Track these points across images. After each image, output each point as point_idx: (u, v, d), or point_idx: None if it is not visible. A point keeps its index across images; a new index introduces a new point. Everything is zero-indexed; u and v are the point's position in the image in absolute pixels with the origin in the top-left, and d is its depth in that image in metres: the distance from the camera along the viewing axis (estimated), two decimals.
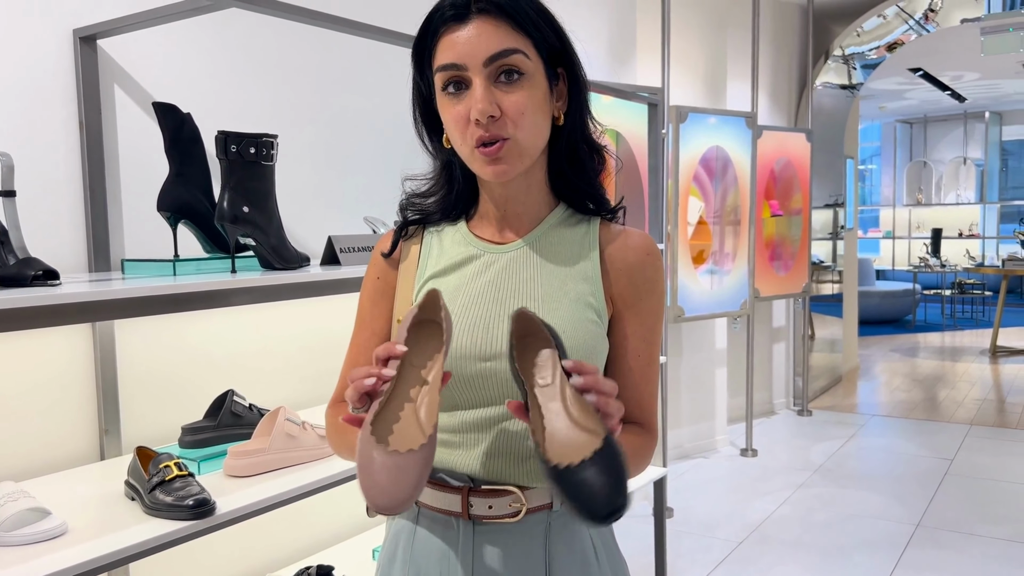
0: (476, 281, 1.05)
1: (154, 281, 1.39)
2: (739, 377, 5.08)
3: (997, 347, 7.86)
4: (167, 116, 1.62)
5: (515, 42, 0.97)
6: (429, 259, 1.10)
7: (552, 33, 1.01)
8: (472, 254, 1.08)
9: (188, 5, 1.53)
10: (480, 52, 0.96)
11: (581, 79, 1.05)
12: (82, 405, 1.71)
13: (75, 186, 1.70)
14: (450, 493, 1.03)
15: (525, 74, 0.97)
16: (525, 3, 0.99)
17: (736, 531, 3.59)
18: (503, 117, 0.96)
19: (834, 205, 6.33)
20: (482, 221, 1.10)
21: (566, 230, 1.08)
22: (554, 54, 1.02)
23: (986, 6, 5.69)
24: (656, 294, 1.08)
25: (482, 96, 0.95)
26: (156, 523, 1.35)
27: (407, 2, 2.45)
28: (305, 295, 1.59)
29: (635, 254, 1.08)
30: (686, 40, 4.47)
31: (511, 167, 0.99)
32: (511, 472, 1.02)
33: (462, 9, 0.97)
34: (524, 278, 1.05)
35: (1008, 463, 4.48)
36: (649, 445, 1.10)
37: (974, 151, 12.16)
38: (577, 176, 1.08)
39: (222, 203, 1.52)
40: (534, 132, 0.99)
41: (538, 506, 1.03)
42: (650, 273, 1.08)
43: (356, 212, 2.26)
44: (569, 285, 1.05)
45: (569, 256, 1.07)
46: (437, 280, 1.07)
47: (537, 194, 1.08)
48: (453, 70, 0.97)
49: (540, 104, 1.00)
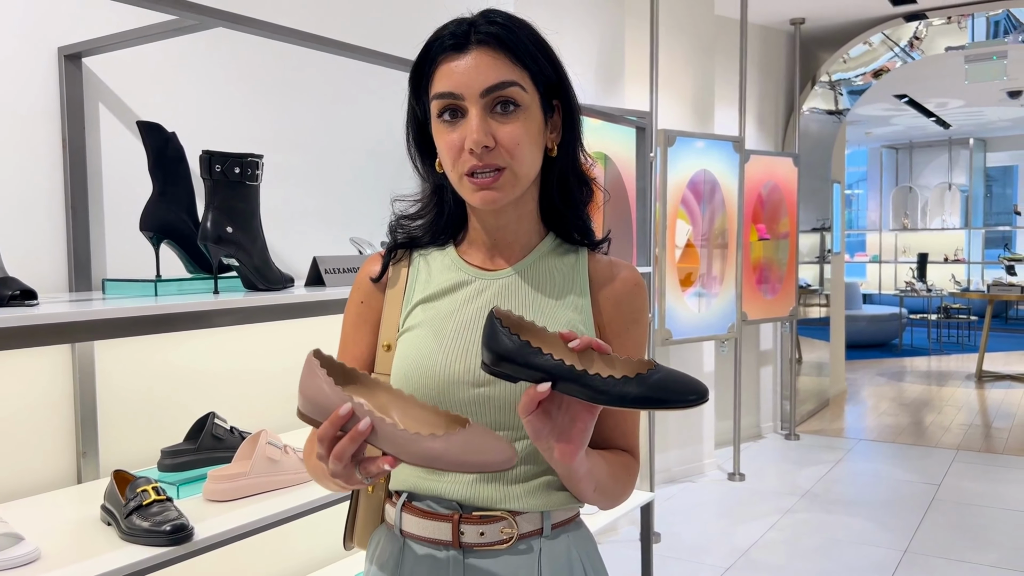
0: (468, 306, 1.05)
1: (135, 302, 1.37)
2: (727, 401, 5.07)
3: (983, 372, 7.89)
4: (151, 135, 1.61)
5: (512, 74, 0.98)
6: (417, 283, 1.09)
7: (549, 66, 1.02)
8: (463, 279, 1.07)
9: (174, 24, 1.52)
10: (477, 83, 0.97)
11: (575, 113, 1.06)
12: (60, 427, 1.68)
13: (57, 204, 1.68)
14: (439, 521, 1.02)
15: (521, 106, 0.99)
16: (524, 36, 1.00)
17: (724, 556, 3.56)
18: (497, 148, 0.97)
19: (821, 229, 6.37)
20: (471, 247, 1.10)
21: (555, 259, 1.09)
22: (550, 87, 1.03)
23: (970, 34, 5.77)
24: (641, 324, 1.10)
25: (477, 127, 0.96)
26: (132, 549, 1.32)
27: (394, 23, 2.46)
28: (289, 317, 1.57)
29: (623, 285, 1.09)
30: (674, 65, 4.50)
31: (502, 195, 0.99)
32: (502, 497, 1.01)
33: (462, 39, 0.98)
34: (516, 305, 1.05)
35: (995, 489, 4.48)
36: (634, 470, 1.10)
37: (959, 177, 12.28)
38: (567, 207, 1.09)
39: (205, 223, 1.51)
40: (528, 163, 1.00)
41: (529, 531, 1.02)
42: (637, 303, 1.09)
43: (342, 233, 2.24)
44: (560, 313, 1.05)
45: (559, 285, 1.07)
46: (427, 305, 1.07)
47: (528, 223, 1.08)
48: (450, 99, 0.98)
49: (535, 136, 1.01)
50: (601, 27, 3.79)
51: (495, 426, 1.01)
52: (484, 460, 0.84)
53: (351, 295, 1.14)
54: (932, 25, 5.72)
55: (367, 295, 1.12)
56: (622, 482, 1.06)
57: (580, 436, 0.90)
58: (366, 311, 1.12)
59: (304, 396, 0.90)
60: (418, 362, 1.02)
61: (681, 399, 0.84)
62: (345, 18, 2.34)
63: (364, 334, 1.12)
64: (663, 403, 0.84)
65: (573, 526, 1.08)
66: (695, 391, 0.84)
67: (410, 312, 1.07)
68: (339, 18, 2.32)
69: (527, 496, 1.02)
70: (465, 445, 0.84)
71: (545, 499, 1.03)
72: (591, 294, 1.08)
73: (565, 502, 1.05)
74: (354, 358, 1.11)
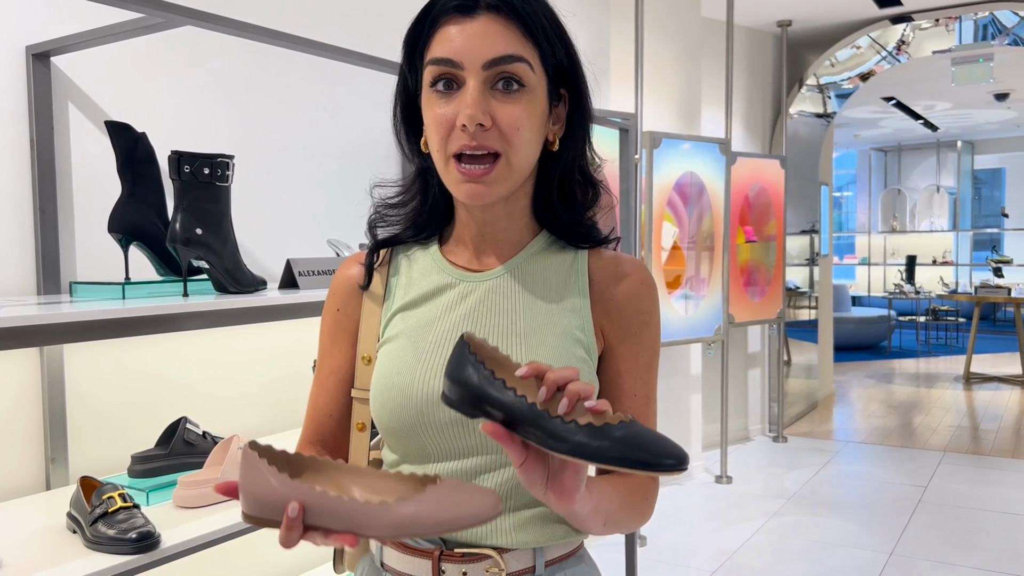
0: (450, 314, 0.94)
1: (103, 304, 1.34)
2: (714, 403, 5.06)
3: (971, 374, 7.91)
4: (120, 135, 1.58)
5: (521, 49, 0.87)
6: (397, 289, 0.99)
7: (562, 49, 0.92)
8: (446, 283, 0.96)
9: (142, 23, 1.49)
10: (481, 52, 0.85)
11: (586, 106, 0.95)
12: (28, 433, 1.65)
13: (25, 206, 1.65)
14: (419, 557, 0.92)
15: (526, 86, 0.88)
16: (540, 9, 0.90)
17: (710, 559, 3.54)
18: (493, 128, 0.86)
19: (810, 231, 6.37)
20: (457, 245, 0.99)
21: (551, 256, 0.98)
22: (560, 72, 0.93)
23: (957, 37, 5.77)
24: (651, 327, 0.97)
25: (474, 100, 0.85)
26: (97, 557, 1.30)
27: (369, 21, 2.43)
28: (261, 320, 1.55)
29: (628, 283, 0.96)
30: (660, 66, 4.49)
31: (491, 191, 0.88)
32: (487, 532, 0.90)
33: (470, 1, 0.87)
34: (504, 310, 0.93)
35: (982, 491, 4.48)
36: (651, 492, 0.95)
37: (947, 179, 12.33)
38: (564, 208, 0.97)
39: (174, 225, 1.48)
40: (526, 152, 0.89)
41: (519, 570, 0.91)
42: (645, 304, 0.96)
43: (318, 235, 2.22)
44: (555, 318, 0.93)
45: (555, 285, 0.96)
46: (406, 313, 0.96)
47: (519, 219, 0.97)
48: (447, 66, 0.86)
49: (536, 123, 0.90)
50: (585, 27, 3.77)
51: (472, 450, 0.90)
52: (463, 514, 0.74)
53: (327, 301, 1.04)
54: (919, 28, 5.72)
55: (343, 301, 1.01)
56: (638, 510, 0.93)
57: (573, 481, 0.76)
58: (343, 319, 1.01)
59: (248, 497, 0.75)
60: (393, 379, 0.92)
61: (656, 461, 0.70)
62: (318, 16, 2.31)
63: (342, 345, 1.01)
64: (634, 463, 0.70)
65: (572, 561, 0.96)
66: (673, 455, 0.70)
67: (389, 321, 0.97)
68: (312, 16, 2.29)
69: (516, 530, 0.91)
70: (439, 502, 0.74)
71: (538, 533, 0.91)
72: (591, 294, 0.96)
73: (562, 536, 0.93)
74: (331, 371, 1.02)
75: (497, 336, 0.92)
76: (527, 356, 0.90)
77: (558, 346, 0.91)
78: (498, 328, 0.93)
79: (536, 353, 0.90)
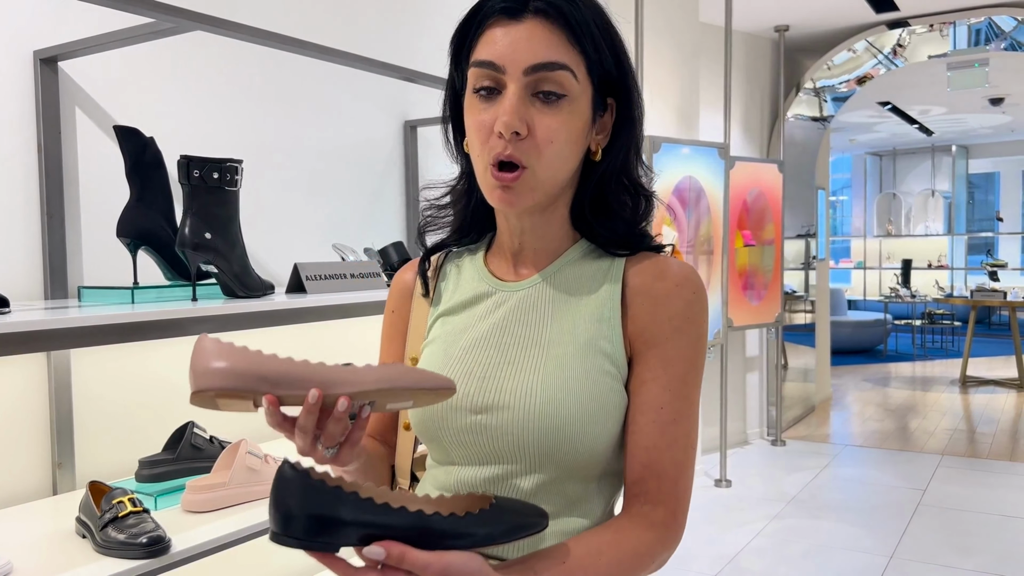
0: (482, 323, 0.95)
1: (111, 309, 1.34)
2: (713, 407, 5.07)
3: (967, 377, 7.93)
4: (129, 140, 1.58)
5: (566, 56, 0.85)
6: (444, 293, 1.01)
7: (611, 58, 0.89)
8: (484, 291, 0.97)
9: (151, 28, 1.50)
10: (524, 57, 0.84)
11: (635, 117, 0.93)
12: (35, 438, 1.65)
13: (32, 211, 1.65)
14: None
15: (567, 96, 0.86)
16: (591, 16, 0.87)
17: (710, 563, 3.55)
18: (530, 138, 0.85)
19: (806, 235, 6.39)
20: (497, 254, 1.00)
21: (587, 265, 0.95)
22: (607, 81, 0.90)
23: (952, 42, 5.80)
24: (687, 335, 0.90)
25: (512, 107, 0.84)
26: (107, 562, 1.30)
27: (377, 27, 2.44)
28: (269, 324, 1.55)
29: (664, 284, 0.91)
30: (659, 71, 4.50)
31: (519, 199, 0.87)
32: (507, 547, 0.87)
33: (518, 3, 0.85)
34: (532, 320, 0.92)
35: (979, 493, 4.49)
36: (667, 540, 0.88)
37: (942, 183, 12.38)
38: (599, 218, 0.94)
39: (183, 229, 1.49)
40: (557, 165, 0.87)
41: None
42: (679, 308, 0.90)
43: (325, 239, 2.22)
44: (580, 327, 0.91)
45: (587, 294, 0.93)
46: (446, 319, 0.99)
47: (558, 228, 0.96)
48: (489, 69, 0.85)
49: (576, 134, 0.88)
50: None
51: (491, 457, 0.89)
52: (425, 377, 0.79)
53: (386, 302, 1.09)
54: (915, 33, 5.75)
55: (397, 304, 1.06)
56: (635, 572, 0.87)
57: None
58: (396, 320, 1.06)
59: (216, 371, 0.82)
60: None
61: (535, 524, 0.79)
62: (326, 21, 2.32)
63: (395, 345, 1.05)
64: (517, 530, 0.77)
65: None
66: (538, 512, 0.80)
67: (432, 324, 1.00)
68: (321, 22, 2.30)
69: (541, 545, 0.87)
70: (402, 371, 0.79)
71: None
72: (623, 301, 0.92)
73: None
74: None
75: (521, 346, 0.91)
76: (549, 366, 0.89)
77: (579, 358, 0.89)
78: (524, 338, 0.92)
79: (558, 363, 0.89)
